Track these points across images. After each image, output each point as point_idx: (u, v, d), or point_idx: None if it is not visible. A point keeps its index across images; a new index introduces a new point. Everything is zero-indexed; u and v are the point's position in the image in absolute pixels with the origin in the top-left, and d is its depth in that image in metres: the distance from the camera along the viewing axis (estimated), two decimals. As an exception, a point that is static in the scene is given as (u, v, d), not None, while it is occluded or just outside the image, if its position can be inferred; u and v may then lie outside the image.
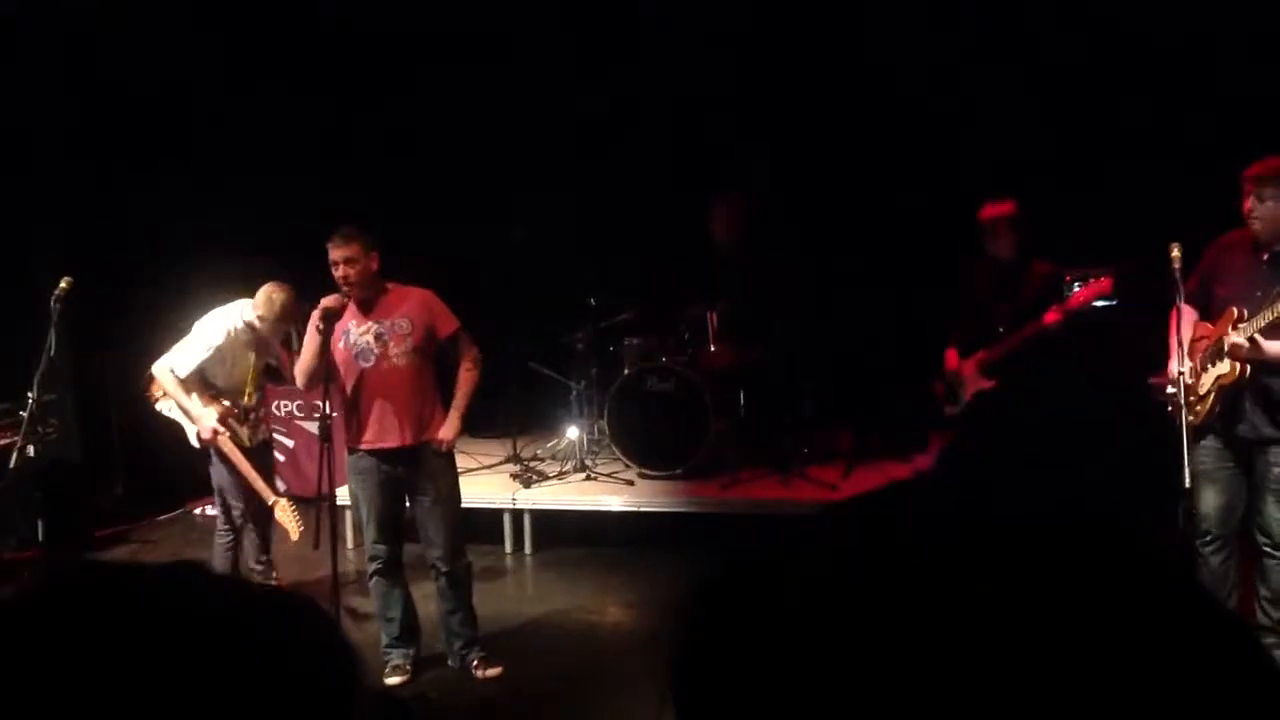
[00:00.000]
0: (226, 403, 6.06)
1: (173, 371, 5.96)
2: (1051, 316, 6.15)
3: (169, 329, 6.37)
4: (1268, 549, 4.93)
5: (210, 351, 5.97)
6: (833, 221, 8.36)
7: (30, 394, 5.52)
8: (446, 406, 5.52)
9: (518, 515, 7.59)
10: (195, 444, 6.08)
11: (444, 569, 5.55)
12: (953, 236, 7.42)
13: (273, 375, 6.57)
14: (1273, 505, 4.87)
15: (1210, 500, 4.97)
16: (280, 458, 8.09)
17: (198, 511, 8.69)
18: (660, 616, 6.16)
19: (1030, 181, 6.98)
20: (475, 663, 5.64)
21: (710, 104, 8.56)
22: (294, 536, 5.92)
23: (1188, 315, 5.00)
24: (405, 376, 5.37)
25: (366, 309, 5.38)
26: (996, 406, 6.45)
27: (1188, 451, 4.52)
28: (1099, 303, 6.68)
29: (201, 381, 6.03)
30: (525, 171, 8.73)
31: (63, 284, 5.58)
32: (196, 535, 8.22)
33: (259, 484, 5.99)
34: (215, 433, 5.97)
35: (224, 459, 6.02)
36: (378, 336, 5.35)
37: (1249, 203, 4.79)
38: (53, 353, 5.53)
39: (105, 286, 7.36)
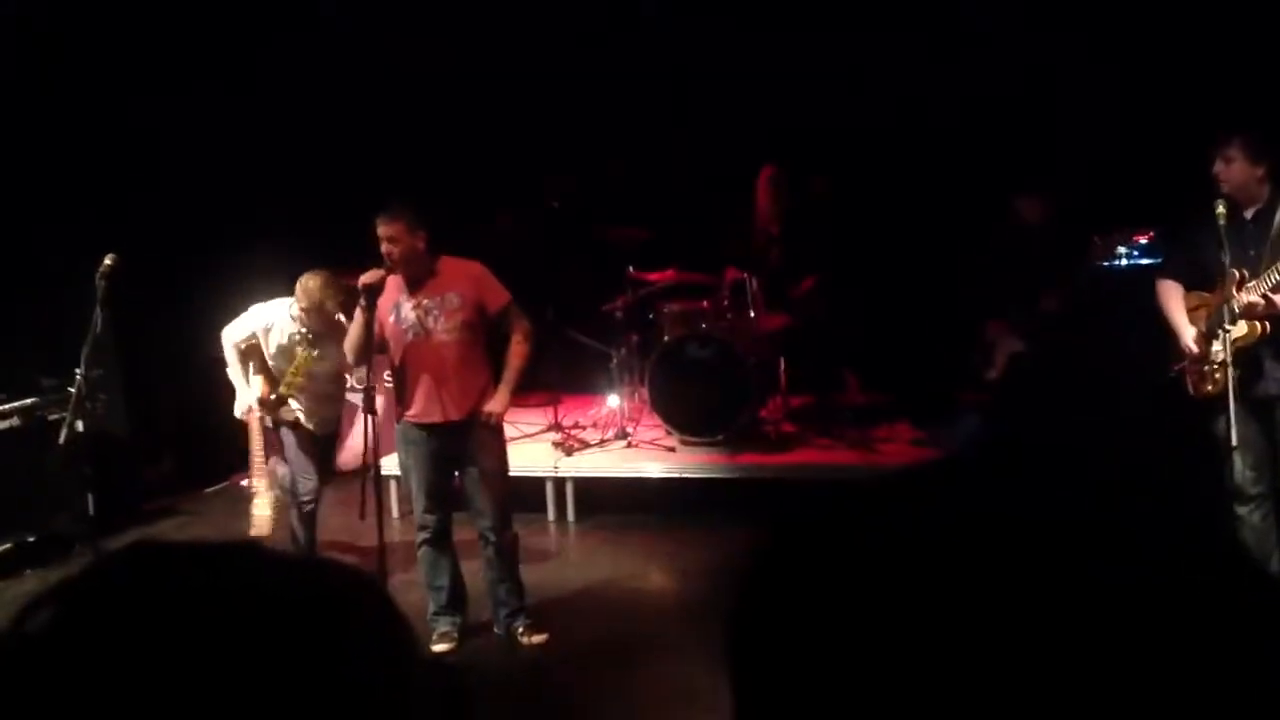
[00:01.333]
0: (267, 386, 6.16)
1: (227, 337, 6.13)
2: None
3: (219, 307, 6.45)
4: None
5: (249, 332, 6.07)
6: (872, 197, 8.34)
7: (78, 370, 5.59)
8: (498, 378, 5.53)
9: (560, 483, 7.63)
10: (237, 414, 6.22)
11: (492, 539, 5.59)
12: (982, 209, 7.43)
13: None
14: None
15: (1242, 462, 4.95)
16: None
17: (245, 483, 8.77)
18: (707, 584, 6.19)
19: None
20: (521, 630, 5.68)
21: (747, 76, 8.52)
22: (253, 531, 6.09)
23: (1174, 290, 5.04)
24: (455, 351, 5.38)
25: (416, 285, 5.39)
26: (1032, 371, 6.46)
27: (1232, 414, 4.56)
28: (1145, 260, 6.66)
29: (262, 360, 6.13)
30: (565, 139, 8.73)
31: (108, 260, 5.63)
32: (244, 506, 8.30)
33: (254, 465, 6.13)
34: (248, 409, 6.10)
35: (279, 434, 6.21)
36: (428, 312, 5.37)
37: (1216, 166, 4.88)
38: (99, 329, 5.59)
39: (152, 263, 7.42)
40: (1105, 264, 6.29)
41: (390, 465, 6.26)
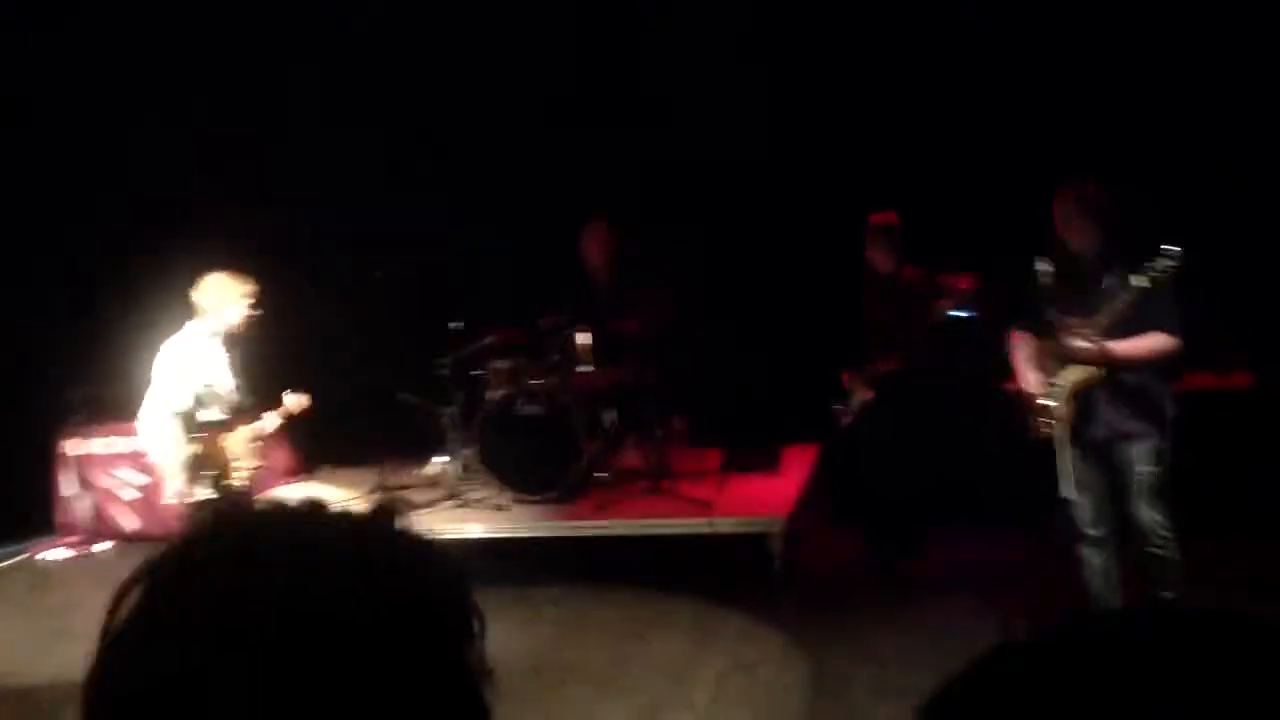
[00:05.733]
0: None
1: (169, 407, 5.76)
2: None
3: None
4: (1152, 547, 5.06)
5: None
6: (705, 242, 8.46)
7: None
8: None
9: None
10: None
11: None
12: (816, 252, 7.60)
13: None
14: (1144, 506, 5.02)
15: (1082, 503, 5.12)
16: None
17: (39, 557, 8.30)
18: (536, 645, 6.08)
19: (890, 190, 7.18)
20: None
21: (575, 122, 8.56)
22: None
23: (1023, 339, 5.23)
24: None
25: None
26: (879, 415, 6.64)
27: (1067, 460, 4.73)
28: (960, 313, 6.89)
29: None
30: (389, 195, 8.60)
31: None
32: (39, 581, 7.84)
33: None
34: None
35: None
36: None
37: (1056, 210, 5.04)
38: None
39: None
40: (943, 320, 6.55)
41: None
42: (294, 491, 8.39)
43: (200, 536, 0.88)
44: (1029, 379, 5.16)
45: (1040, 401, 5.07)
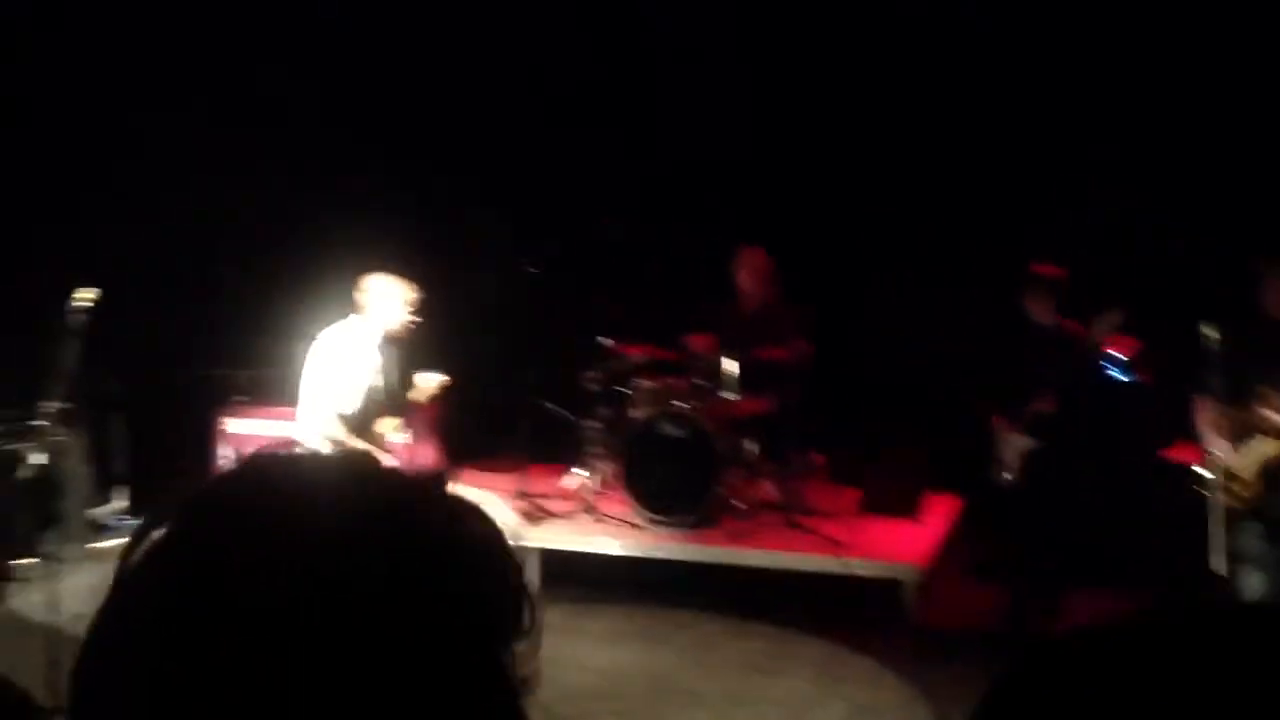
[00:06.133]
0: None
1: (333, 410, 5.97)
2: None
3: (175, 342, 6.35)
4: None
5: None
6: (856, 279, 8.42)
7: (45, 402, 5.45)
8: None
9: (523, 552, 7.50)
10: None
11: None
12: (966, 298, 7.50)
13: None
14: None
15: (1256, 586, 4.92)
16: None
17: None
18: (664, 663, 6.11)
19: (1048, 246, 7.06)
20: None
21: (735, 151, 8.61)
22: None
23: (1208, 405, 5.04)
24: None
25: None
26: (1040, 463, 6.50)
27: (1224, 534, 4.52)
28: (1119, 375, 6.73)
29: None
30: (548, 207, 8.75)
31: (87, 294, 5.45)
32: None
33: None
34: None
35: None
36: None
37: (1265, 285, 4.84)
38: (70, 363, 5.44)
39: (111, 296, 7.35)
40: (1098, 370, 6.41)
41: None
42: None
43: (234, 485, 0.83)
44: (1216, 446, 4.96)
45: (1225, 471, 4.88)
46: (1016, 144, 8.13)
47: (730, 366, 7.83)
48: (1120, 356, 6.67)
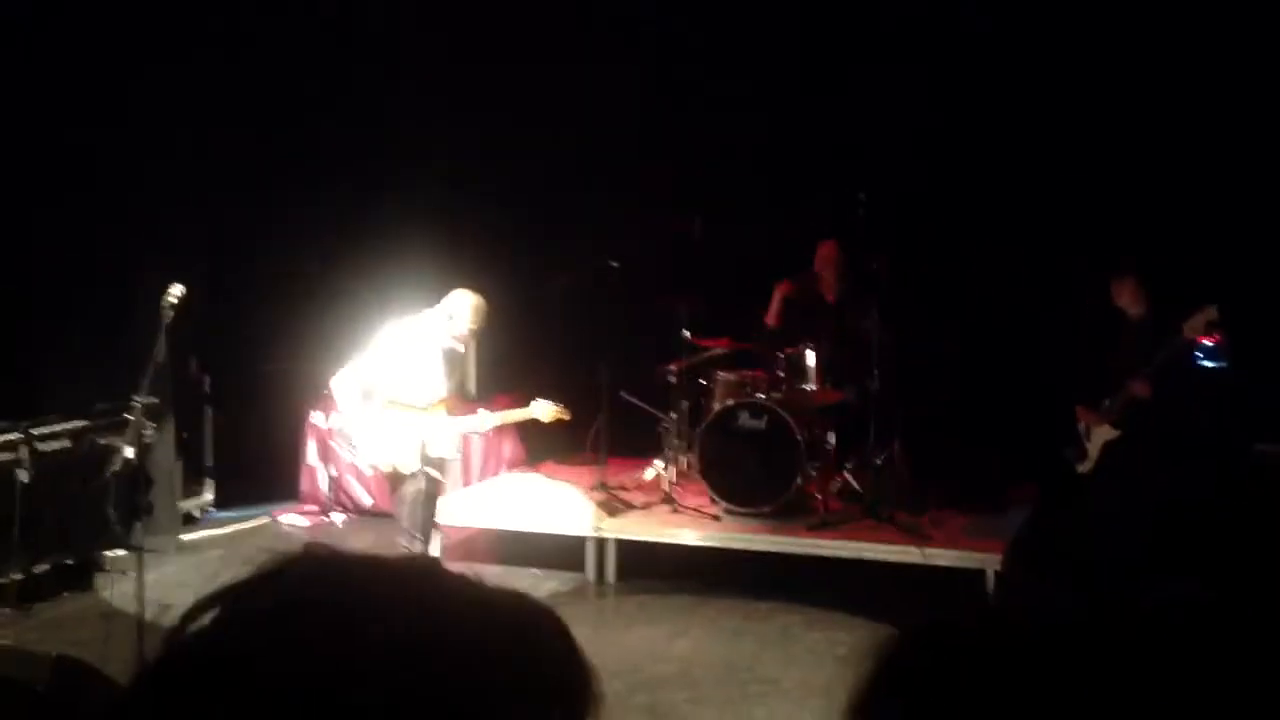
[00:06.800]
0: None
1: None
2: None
3: (262, 337, 6.49)
4: None
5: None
6: (939, 272, 8.34)
7: (136, 396, 5.59)
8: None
9: (600, 544, 7.55)
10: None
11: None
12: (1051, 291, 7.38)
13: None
14: None
15: None
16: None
17: (279, 519, 8.83)
18: (745, 653, 6.11)
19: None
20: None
21: (816, 144, 8.57)
22: None
23: None
24: None
25: None
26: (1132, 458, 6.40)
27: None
28: (1209, 363, 6.60)
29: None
30: (626, 200, 8.77)
31: (176, 289, 5.57)
32: (271, 543, 8.29)
33: None
34: None
35: None
36: None
37: None
38: (161, 358, 5.58)
39: (208, 294, 7.52)
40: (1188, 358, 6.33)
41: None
42: (515, 482, 8.67)
43: (296, 576, 0.80)
44: None
45: None
46: (1112, 140, 8.00)
47: (811, 357, 7.81)
48: (1210, 345, 6.55)
